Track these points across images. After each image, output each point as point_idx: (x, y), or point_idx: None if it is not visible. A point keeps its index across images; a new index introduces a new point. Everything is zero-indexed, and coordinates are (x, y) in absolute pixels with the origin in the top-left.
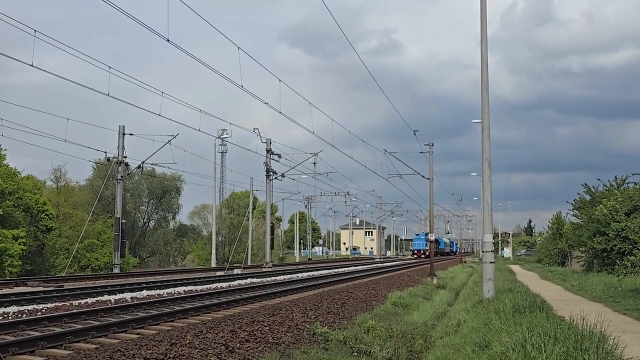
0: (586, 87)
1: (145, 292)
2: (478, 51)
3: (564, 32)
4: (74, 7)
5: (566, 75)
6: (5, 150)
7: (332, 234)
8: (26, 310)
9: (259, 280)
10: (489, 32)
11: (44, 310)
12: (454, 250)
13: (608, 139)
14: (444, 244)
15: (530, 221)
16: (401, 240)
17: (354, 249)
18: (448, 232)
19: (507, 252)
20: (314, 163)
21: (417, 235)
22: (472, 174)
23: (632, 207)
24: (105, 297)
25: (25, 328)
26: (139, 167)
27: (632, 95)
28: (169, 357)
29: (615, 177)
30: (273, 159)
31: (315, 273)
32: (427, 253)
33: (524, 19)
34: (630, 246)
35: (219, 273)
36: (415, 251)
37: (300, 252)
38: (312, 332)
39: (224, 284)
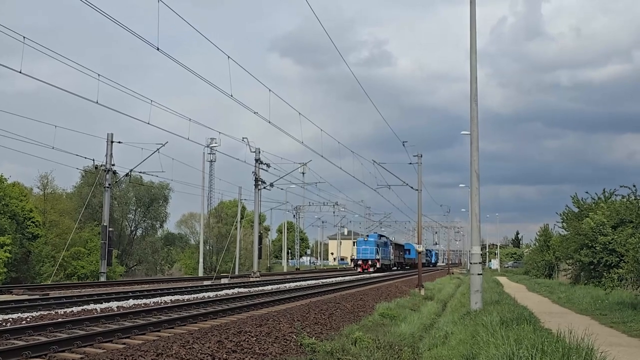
0: (574, 101)
1: (131, 301)
2: (468, 64)
3: (553, 47)
4: (65, 15)
5: (555, 89)
6: None
7: (320, 244)
8: (11, 319)
9: (246, 290)
10: (479, 45)
11: (28, 319)
12: (433, 261)
13: (595, 152)
14: (415, 252)
15: (517, 233)
16: None
17: (342, 259)
18: (436, 243)
19: (495, 263)
20: (303, 173)
21: (362, 238)
22: (460, 185)
23: (619, 220)
24: (91, 306)
25: (9, 337)
26: (127, 175)
27: (619, 109)
28: None
29: (603, 190)
30: (262, 169)
31: (303, 283)
32: (378, 265)
33: (514, 33)
34: (617, 259)
35: (206, 282)
36: (360, 262)
37: (288, 261)
38: (299, 343)
39: (211, 294)
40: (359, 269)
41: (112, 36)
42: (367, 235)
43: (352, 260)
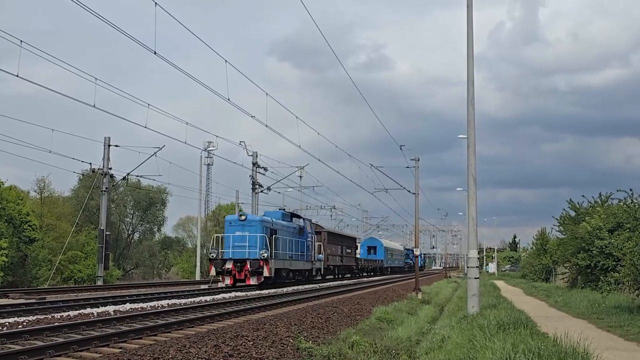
0: (572, 105)
1: (128, 305)
2: (466, 68)
3: (550, 51)
4: (63, 19)
5: (553, 93)
6: None
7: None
8: (7, 323)
9: (243, 293)
10: (477, 49)
11: (25, 323)
12: (412, 264)
13: (593, 156)
14: (386, 252)
15: (515, 236)
16: None
17: None
18: (433, 247)
19: (492, 267)
20: (300, 177)
21: (235, 216)
22: (458, 189)
23: (616, 224)
24: (88, 310)
25: (5, 341)
26: (124, 178)
27: (617, 113)
28: None
29: (600, 194)
30: (259, 172)
31: (300, 287)
32: (267, 272)
33: (511, 38)
34: (614, 263)
35: (203, 286)
36: (228, 265)
37: None
38: (296, 347)
39: (208, 298)
40: (226, 281)
41: (112, 37)
42: (243, 214)
43: (210, 260)
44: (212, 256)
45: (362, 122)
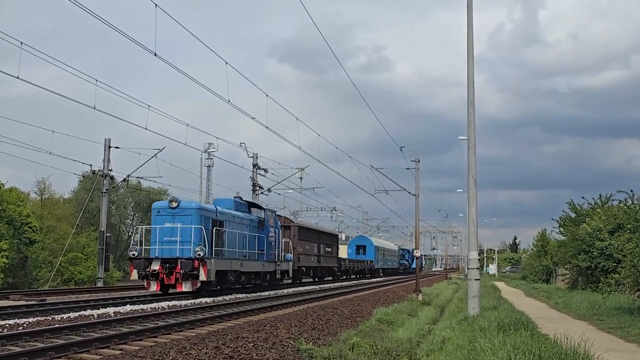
0: (572, 106)
1: (128, 307)
2: (466, 69)
3: (550, 53)
4: (63, 19)
5: (553, 94)
6: None
7: None
8: (7, 325)
9: (243, 295)
10: (477, 51)
11: (25, 325)
12: (408, 266)
13: (593, 157)
14: (377, 252)
15: (515, 238)
16: None
17: None
18: (434, 248)
19: (492, 268)
20: (301, 178)
21: (164, 203)
22: (458, 190)
23: (616, 225)
24: (88, 312)
25: (6, 343)
26: (124, 180)
27: (617, 115)
28: None
29: (600, 195)
30: (260, 174)
31: (301, 288)
32: (204, 275)
33: (511, 40)
34: (614, 264)
35: None
36: (153, 267)
37: None
38: (296, 349)
39: (209, 299)
40: (152, 287)
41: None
42: (174, 199)
43: (131, 260)
44: (133, 254)
45: (362, 123)
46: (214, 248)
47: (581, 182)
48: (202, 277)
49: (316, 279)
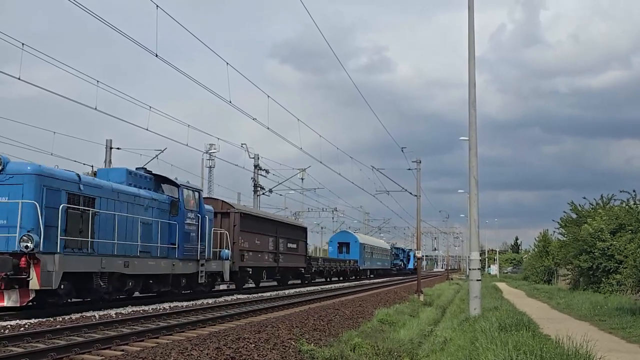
0: (573, 107)
1: (130, 308)
2: (467, 70)
3: (551, 53)
4: (63, 20)
5: (553, 95)
6: None
7: (320, 250)
8: (9, 326)
9: (244, 296)
10: (478, 52)
11: (27, 326)
12: (403, 267)
13: (594, 158)
14: (363, 251)
15: (517, 238)
16: None
17: None
18: (435, 249)
19: (494, 269)
20: (302, 179)
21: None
22: (459, 191)
23: (618, 225)
24: (90, 313)
25: (7, 344)
26: None
27: (618, 115)
28: None
29: (601, 195)
30: (261, 175)
31: (302, 289)
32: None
33: (512, 40)
34: (616, 264)
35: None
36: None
37: None
38: (298, 350)
39: (210, 300)
40: None
41: (112, 39)
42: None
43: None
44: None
45: (363, 124)
46: (64, 237)
47: (582, 183)
48: (34, 284)
49: (278, 282)
